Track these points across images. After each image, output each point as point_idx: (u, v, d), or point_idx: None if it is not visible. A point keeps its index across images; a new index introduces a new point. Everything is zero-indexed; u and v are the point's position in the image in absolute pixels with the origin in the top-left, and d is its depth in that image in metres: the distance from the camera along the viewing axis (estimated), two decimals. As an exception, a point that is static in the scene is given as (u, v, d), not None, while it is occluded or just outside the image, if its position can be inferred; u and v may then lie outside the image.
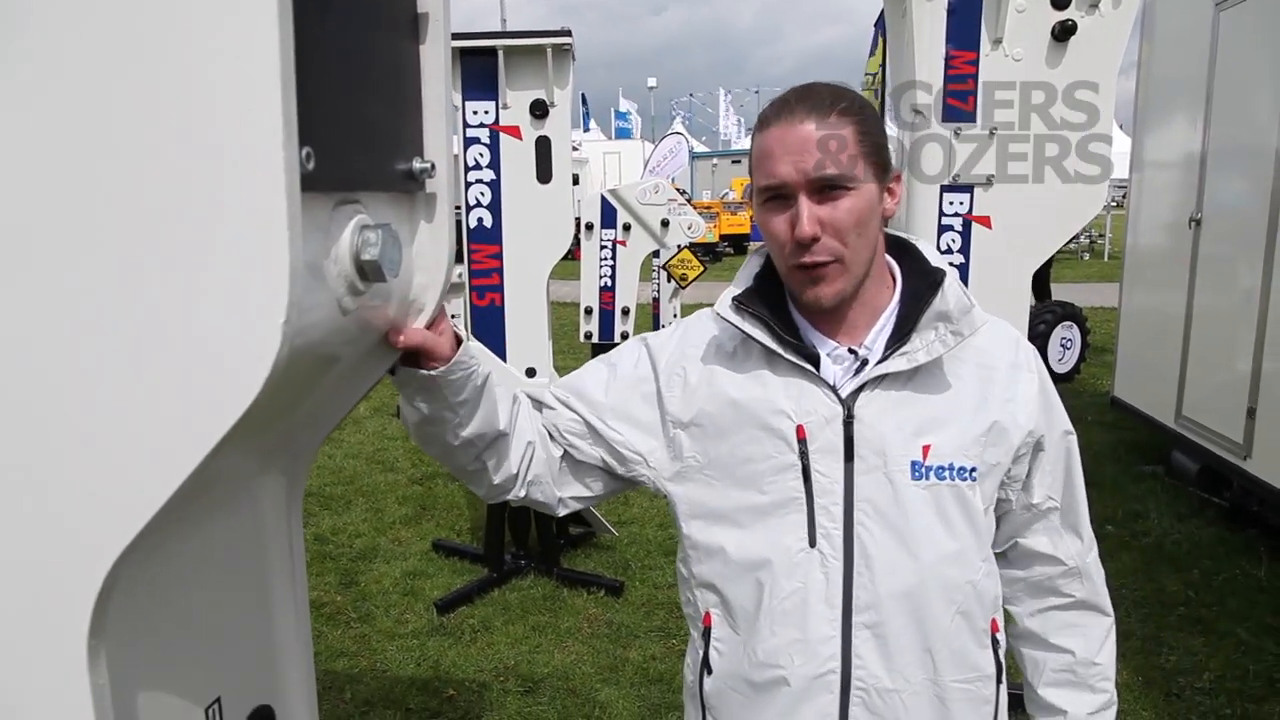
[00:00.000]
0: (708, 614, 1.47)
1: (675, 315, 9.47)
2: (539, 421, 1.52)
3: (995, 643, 1.43)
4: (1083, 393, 8.59)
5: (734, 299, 1.40)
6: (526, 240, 4.53)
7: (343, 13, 0.98)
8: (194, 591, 1.11)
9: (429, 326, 1.26)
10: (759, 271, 1.44)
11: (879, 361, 1.35)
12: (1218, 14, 5.10)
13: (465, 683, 3.94)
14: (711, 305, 1.51)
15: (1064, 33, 2.93)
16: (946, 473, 1.35)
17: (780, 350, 1.36)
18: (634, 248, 7.24)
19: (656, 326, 9.50)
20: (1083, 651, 1.51)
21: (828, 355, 1.38)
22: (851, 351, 1.38)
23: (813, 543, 1.36)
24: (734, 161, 35.44)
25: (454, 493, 6.37)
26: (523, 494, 1.50)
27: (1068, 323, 9.06)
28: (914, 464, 1.34)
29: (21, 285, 0.83)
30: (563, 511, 1.56)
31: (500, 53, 4.25)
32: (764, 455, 1.37)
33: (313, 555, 5.30)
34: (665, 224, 7.22)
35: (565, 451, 1.53)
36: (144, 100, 0.80)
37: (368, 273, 1.00)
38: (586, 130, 38.39)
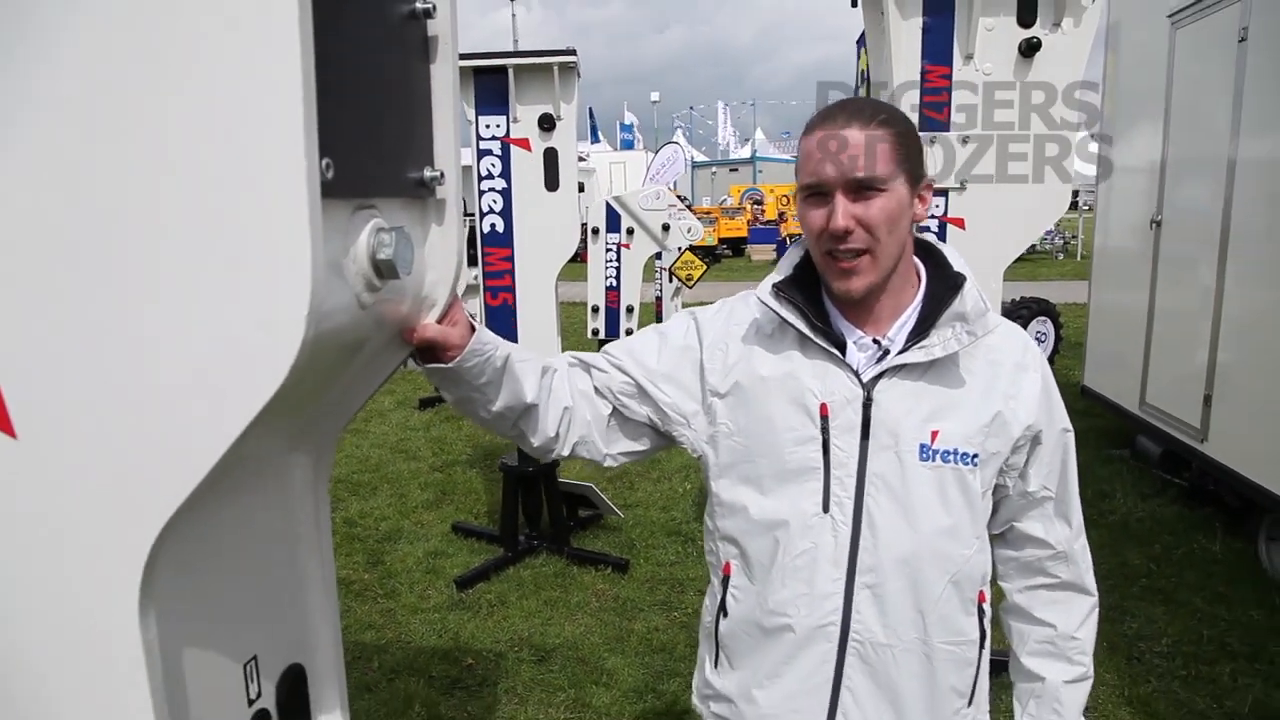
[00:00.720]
0: (728, 564, 1.53)
1: (677, 312, 9.48)
2: (582, 384, 1.56)
3: (981, 612, 1.48)
4: (1056, 384, 8.59)
5: (774, 286, 1.45)
6: (536, 243, 4.57)
7: (359, 39, 1.01)
8: (231, 559, 1.14)
9: (442, 319, 1.29)
10: (798, 262, 1.49)
11: (899, 352, 1.39)
12: (1173, 31, 5.10)
13: (483, 652, 3.97)
14: (710, 303, 1.56)
15: (1030, 49, 2.95)
16: (951, 457, 1.39)
17: (811, 335, 1.40)
18: (637, 250, 7.26)
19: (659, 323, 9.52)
20: (1063, 626, 1.54)
21: (854, 343, 1.43)
22: (875, 341, 1.42)
23: (826, 508, 1.41)
24: (731, 170, 35.39)
25: (472, 479, 6.41)
26: (566, 453, 1.55)
27: (1042, 317, 9.07)
28: (922, 446, 1.39)
29: (85, 282, 0.87)
30: (610, 464, 1.59)
31: (510, 71, 4.29)
32: (789, 427, 1.42)
33: (342, 537, 5.34)
34: (666, 228, 7.24)
35: (615, 410, 1.56)
36: (189, 122, 0.83)
37: (383, 270, 1.04)
38: (595, 142, 38.34)
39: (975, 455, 1.39)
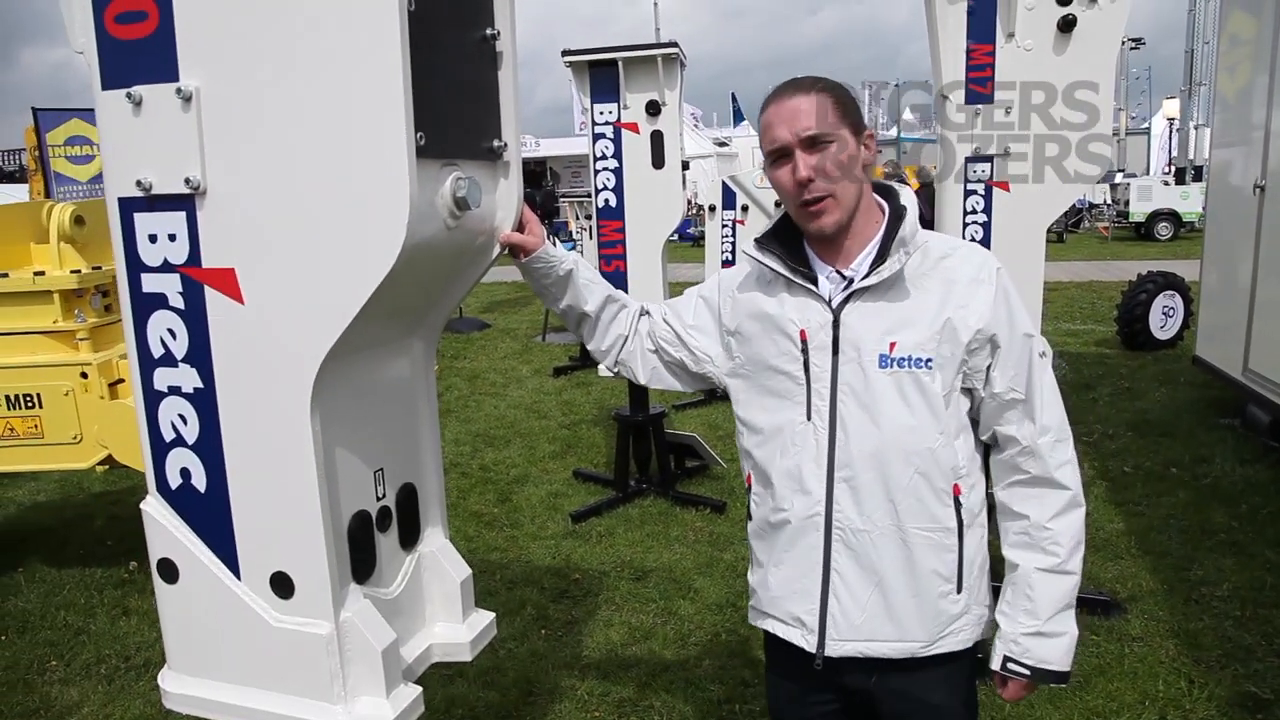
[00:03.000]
0: (749, 475, 1.85)
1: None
2: (643, 326, 1.98)
3: (958, 503, 1.67)
4: (1182, 357, 8.44)
5: (755, 240, 1.78)
6: (644, 216, 5.13)
7: (447, 55, 1.58)
8: (369, 398, 1.75)
9: (522, 230, 1.84)
10: (779, 218, 1.80)
11: (861, 279, 1.67)
12: (1280, -8, 5.10)
13: (589, 571, 4.58)
14: None
15: (1067, 25, 3.25)
16: (907, 363, 1.63)
17: (789, 275, 1.71)
18: (752, 226, 7.73)
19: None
20: (1036, 517, 1.68)
21: (825, 277, 1.71)
22: (840, 274, 1.70)
23: (809, 417, 1.70)
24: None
25: (595, 435, 7.04)
26: (612, 364, 2.01)
27: (1169, 292, 8.88)
28: (882, 356, 1.64)
29: (285, 209, 1.48)
30: (649, 384, 2.01)
31: (620, 63, 4.86)
32: (779, 353, 1.73)
33: (476, 480, 6.10)
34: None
35: (658, 349, 1.96)
36: (339, 116, 1.42)
37: (460, 204, 1.60)
38: (738, 124, 38.48)
39: (929, 359, 1.62)
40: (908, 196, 1.73)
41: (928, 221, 2.09)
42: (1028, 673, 1.68)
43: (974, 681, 1.81)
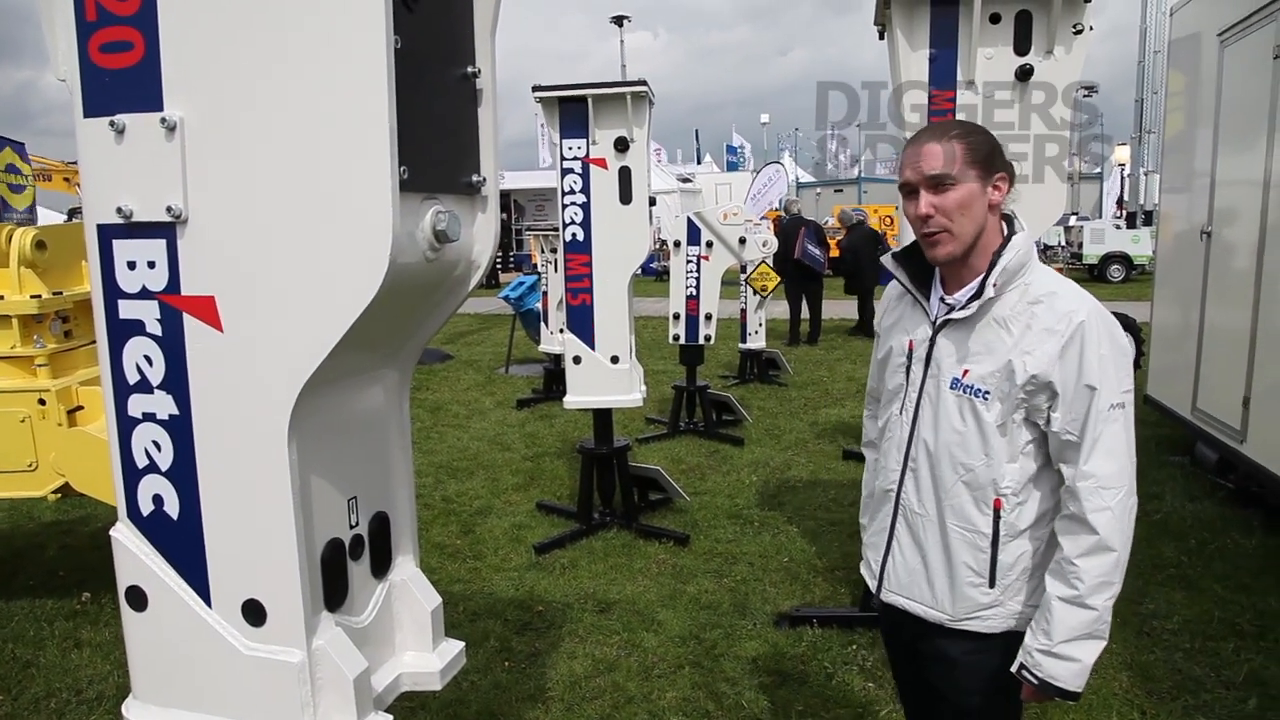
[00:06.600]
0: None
1: (760, 324, 9.97)
2: None
3: (997, 514, 1.92)
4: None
5: (893, 254, 2.10)
6: (611, 251, 5.17)
7: (429, 93, 1.62)
8: (343, 428, 1.76)
9: None
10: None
11: (959, 309, 1.93)
12: (1222, 49, 5.34)
13: (552, 603, 4.56)
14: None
15: (1024, 74, 3.39)
16: (969, 390, 1.92)
17: (910, 290, 2.06)
18: (715, 262, 7.82)
19: (744, 334, 10.04)
20: (1067, 550, 1.83)
21: (939, 299, 2.00)
22: (943, 300, 1.98)
23: (902, 411, 2.08)
24: (836, 190, 35.35)
25: (558, 467, 7.04)
26: None
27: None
28: (954, 379, 1.94)
29: (268, 239, 1.50)
30: None
31: (590, 100, 4.93)
32: (897, 353, 2.10)
33: (439, 511, 6.05)
34: (742, 241, 7.79)
35: None
36: (324, 149, 1.45)
37: (440, 237, 1.64)
38: (699, 163, 38.99)
39: (987, 392, 1.88)
40: (1019, 240, 1.89)
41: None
42: (1036, 682, 1.88)
43: (1004, 668, 1.95)
